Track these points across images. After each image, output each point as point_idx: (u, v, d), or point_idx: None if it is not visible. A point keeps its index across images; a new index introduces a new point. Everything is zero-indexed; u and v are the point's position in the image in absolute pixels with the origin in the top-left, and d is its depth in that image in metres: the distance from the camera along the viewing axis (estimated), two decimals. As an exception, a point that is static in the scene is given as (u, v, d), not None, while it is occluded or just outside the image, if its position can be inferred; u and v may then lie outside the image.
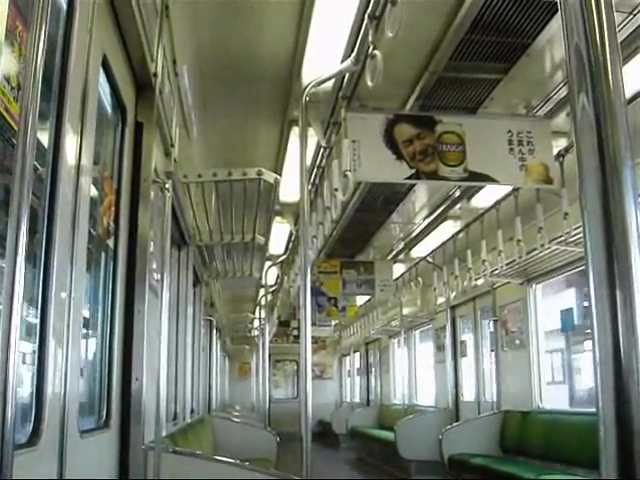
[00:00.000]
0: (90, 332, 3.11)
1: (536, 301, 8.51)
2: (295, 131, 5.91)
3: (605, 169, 0.84)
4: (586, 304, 9.10)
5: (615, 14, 0.93)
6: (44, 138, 2.16)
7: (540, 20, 4.34)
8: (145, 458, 3.32)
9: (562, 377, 10.66)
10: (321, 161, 6.56)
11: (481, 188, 7.30)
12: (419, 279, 11.58)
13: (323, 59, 4.67)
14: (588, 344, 9.42)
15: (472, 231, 8.56)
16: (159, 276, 3.81)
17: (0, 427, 1.24)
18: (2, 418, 1.25)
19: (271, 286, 11.75)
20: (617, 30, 0.92)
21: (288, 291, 10.91)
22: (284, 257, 10.37)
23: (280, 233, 9.38)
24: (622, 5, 4.13)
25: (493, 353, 9.68)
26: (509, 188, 6.93)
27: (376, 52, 3.80)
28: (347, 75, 4.89)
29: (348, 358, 21.58)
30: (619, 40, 0.92)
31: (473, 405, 10.37)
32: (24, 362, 2.12)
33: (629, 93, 4.55)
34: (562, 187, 5.81)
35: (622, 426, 0.79)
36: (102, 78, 2.90)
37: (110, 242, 3.16)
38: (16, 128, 1.50)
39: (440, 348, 11.91)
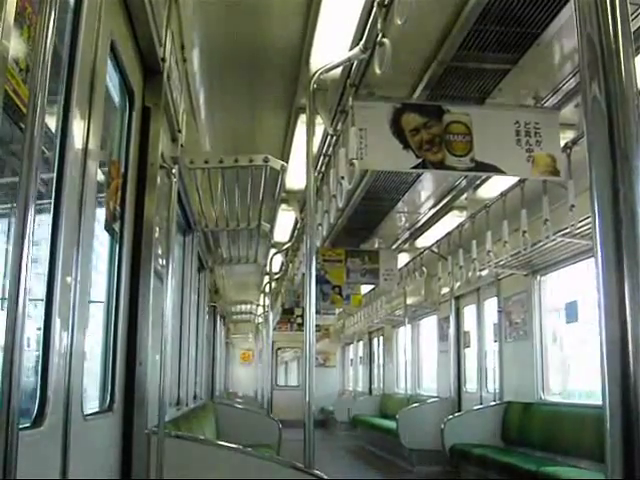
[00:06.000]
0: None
1: (540, 293, 8.50)
2: (302, 118, 5.90)
3: (615, 158, 0.84)
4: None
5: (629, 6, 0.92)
6: (52, 122, 2.16)
7: (551, 10, 4.32)
8: (148, 442, 3.34)
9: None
10: (328, 149, 6.55)
11: (487, 179, 7.29)
12: (424, 269, 11.57)
13: (331, 46, 4.65)
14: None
15: (477, 222, 8.55)
16: (164, 261, 3.82)
17: (5, 408, 1.25)
18: (8, 400, 1.25)
19: (276, 273, 11.76)
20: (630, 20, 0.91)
21: (292, 279, 10.91)
22: (289, 244, 10.36)
23: (285, 220, 9.38)
24: (635, -4, 4.10)
25: (496, 344, 9.68)
26: (516, 179, 6.91)
27: (385, 40, 3.79)
28: (355, 63, 4.87)
29: (351, 347, 21.62)
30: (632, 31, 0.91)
31: (475, 395, 10.39)
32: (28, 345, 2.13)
33: None
34: (569, 179, 5.80)
35: (628, 416, 0.79)
36: (110, 62, 2.89)
37: (116, 226, 3.16)
38: (24, 111, 1.50)
39: (443, 338, 11.92)
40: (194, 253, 6.60)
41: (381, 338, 17.47)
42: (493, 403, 9.29)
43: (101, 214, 2.85)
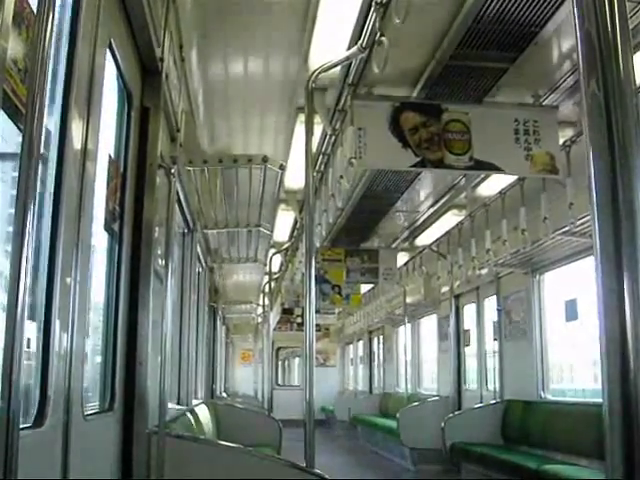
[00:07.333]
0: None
1: (540, 291, 8.50)
2: (301, 118, 5.89)
3: (614, 155, 0.84)
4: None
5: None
6: (50, 122, 2.15)
7: (549, 8, 4.32)
8: (149, 442, 3.34)
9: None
10: (327, 148, 6.55)
11: (487, 177, 7.29)
12: (423, 268, 11.57)
13: (330, 45, 4.65)
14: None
15: (477, 220, 8.55)
16: (164, 261, 3.82)
17: (5, 408, 1.25)
18: (7, 399, 1.25)
19: (275, 273, 11.76)
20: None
21: (292, 278, 10.92)
22: (288, 244, 10.37)
23: (285, 220, 9.38)
24: (633, -6, 4.10)
25: (496, 342, 9.68)
26: (515, 177, 6.91)
27: (383, 39, 3.79)
28: (354, 62, 4.87)
29: (351, 346, 21.62)
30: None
31: (475, 394, 10.38)
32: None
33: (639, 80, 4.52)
34: (568, 177, 5.80)
35: (628, 413, 0.79)
36: (108, 62, 2.89)
37: (115, 226, 3.16)
38: (23, 111, 1.50)
39: (443, 337, 11.92)
40: (194, 253, 6.60)
41: (381, 337, 17.46)
42: (493, 401, 9.28)
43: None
